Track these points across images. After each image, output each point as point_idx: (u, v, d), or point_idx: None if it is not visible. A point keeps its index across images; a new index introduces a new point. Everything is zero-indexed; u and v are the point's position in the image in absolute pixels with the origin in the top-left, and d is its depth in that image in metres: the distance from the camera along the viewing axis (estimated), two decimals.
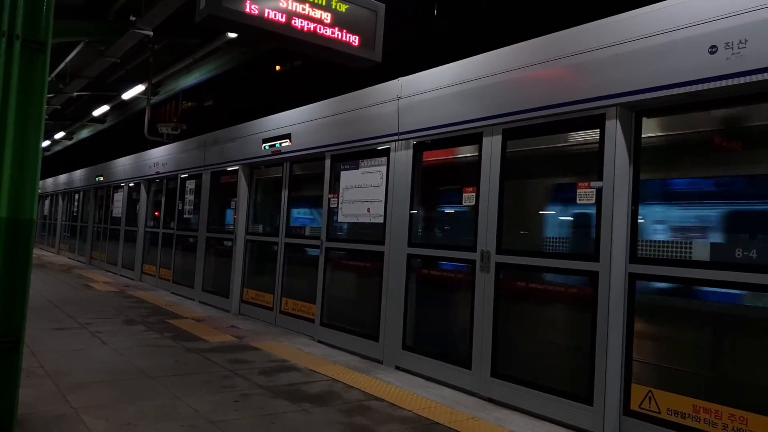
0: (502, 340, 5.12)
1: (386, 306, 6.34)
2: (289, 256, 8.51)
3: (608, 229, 4.32)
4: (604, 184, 4.38)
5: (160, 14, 10.55)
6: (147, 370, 5.48)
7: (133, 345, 6.52)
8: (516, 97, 5.10)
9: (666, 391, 4.04)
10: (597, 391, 4.30)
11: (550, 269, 4.89)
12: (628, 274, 4.30)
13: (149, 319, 8.27)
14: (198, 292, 10.70)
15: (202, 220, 10.85)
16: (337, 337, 7.04)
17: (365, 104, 6.89)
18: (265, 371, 5.70)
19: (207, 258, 10.65)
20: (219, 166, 10.43)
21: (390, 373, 5.93)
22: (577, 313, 4.76)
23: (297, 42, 5.40)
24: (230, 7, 4.92)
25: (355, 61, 5.79)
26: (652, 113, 4.35)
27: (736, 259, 3.75)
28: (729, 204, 4.29)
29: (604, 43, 4.45)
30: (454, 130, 5.72)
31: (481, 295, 5.26)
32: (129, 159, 15.34)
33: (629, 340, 4.28)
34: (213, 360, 6.03)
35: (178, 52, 13.56)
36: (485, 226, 5.29)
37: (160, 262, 12.83)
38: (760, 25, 3.59)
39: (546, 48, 4.93)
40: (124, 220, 15.25)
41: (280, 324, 8.41)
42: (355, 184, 6.99)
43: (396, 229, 6.29)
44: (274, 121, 8.79)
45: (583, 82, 4.58)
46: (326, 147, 7.48)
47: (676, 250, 4.06)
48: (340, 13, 5.50)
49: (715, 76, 3.78)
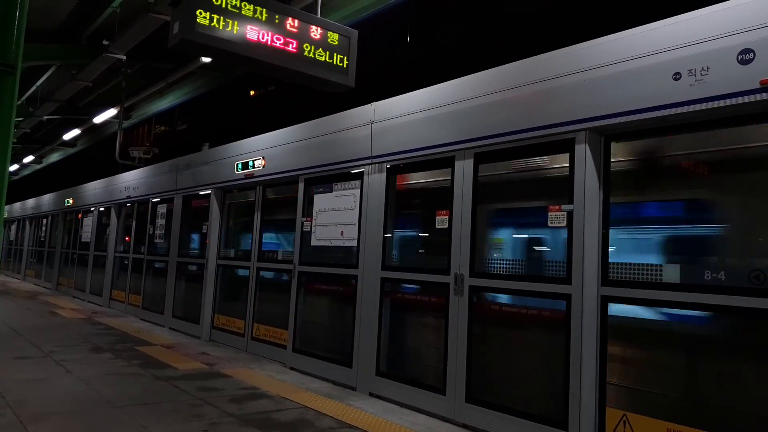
0: (477, 365, 5.08)
1: (360, 331, 6.27)
2: (262, 281, 8.40)
3: (580, 252, 4.36)
4: (575, 207, 4.43)
5: (134, 38, 10.51)
6: (113, 399, 5.31)
7: (99, 373, 6.32)
8: (487, 122, 5.16)
9: (641, 414, 4.03)
10: (572, 416, 4.28)
11: (523, 292, 4.90)
12: (600, 296, 4.32)
13: (117, 347, 8.04)
14: (168, 319, 10.47)
15: (173, 245, 10.67)
16: (309, 363, 6.92)
17: (339, 128, 6.90)
18: (235, 399, 5.56)
19: (177, 283, 10.45)
20: (191, 190, 10.31)
21: (363, 400, 5.83)
22: (551, 336, 4.76)
23: (272, 67, 5.41)
24: (204, 32, 4.91)
25: (329, 86, 5.83)
26: (621, 138, 4.43)
27: (705, 281, 3.80)
28: (698, 227, 4.36)
29: (573, 69, 4.54)
30: (426, 153, 5.75)
31: (455, 318, 5.24)
32: (99, 183, 15.09)
33: (603, 363, 4.29)
34: (182, 388, 5.87)
35: (152, 76, 13.50)
36: (458, 249, 5.29)
37: (129, 288, 12.55)
38: (720, 53, 3.70)
39: (516, 74, 5.01)
40: (94, 245, 14.93)
41: (251, 350, 8.26)
42: (328, 208, 6.96)
43: (370, 253, 6.26)
44: (248, 144, 8.75)
45: (553, 107, 4.66)
46: (300, 171, 7.46)
47: (647, 273, 4.10)
48: (314, 39, 5.54)
49: (680, 101, 3.88)
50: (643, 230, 4.65)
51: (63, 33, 11.76)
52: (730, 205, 4.13)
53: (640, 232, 4.65)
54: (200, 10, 4.86)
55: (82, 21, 11.37)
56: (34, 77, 14.34)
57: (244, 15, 5.11)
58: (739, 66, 3.61)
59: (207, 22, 4.91)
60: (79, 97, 15.77)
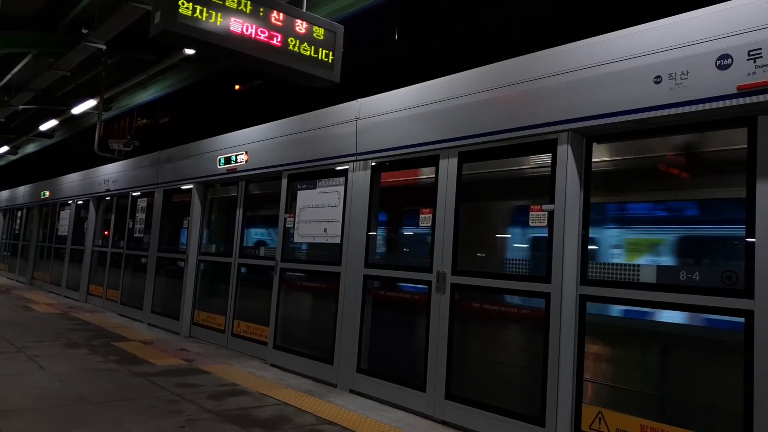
0: (457, 362, 5.11)
1: (341, 328, 6.27)
2: (243, 277, 8.34)
3: (560, 252, 4.40)
4: (556, 207, 4.48)
5: (114, 28, 10.34)
6: (88, 395, 5.24)
7: (74, 369, 6.23)
8: (472, 121, 5.19)
9: (616, 411, 4.10)
10: (549, 412, 4.33)
11: (503, 290, 4.94)
12: (579, 295, 4.38)
13: (93, 342, 7.93)
14: (147, 314, 10.35)
15: (153, 240, 10.55)
16: (290, 360, 6.90)
17: (324, 124, 6.88)
18: (214, 395, 5.53)
19: (157, 278, 10.33)
20: (172, 184, 10.20)
21: (344, 397, 5.83)
22: (530, 334, 4.81)
23: (256, 60, 5.37)
24: (186, 22, 4.85)
25: (313, 81, 5.80)
26: (602, 139, 4.49)
27: (681, 281, 3.87)
28: (674, 228, 4.44)
29: (557, 71, 4.58)
30: (411, 152, 5.76)
31: (437, 316, 5.26)
32: (78, 175, 14.85)
33: (580, 360, 4.35)
34: (160, 384, 5.81)
35: (133, 68, 13.28)
36: (441, 247, 5.32)
37: (107, 283, 12.38)
38: (699, 58, 3.76)
39: (501, 74, 5.04)
40: (71, 239, 14.69)
41: (231, 347, 8.20)
42: (312, 204, 6.94)
43: (353, 250, 6.26)
44: (231, 139, 8.67)
45: (536, 107, 4.70)
46: (283, 166, 7.42)
47: (625, 273, 4.16)
48: (299, 33, 5.51)
49: (660, 104, 3.94)
50: (623, 230, 4.71)
51: (40, 20, 11.50)
52: (705, 207, 4.21)
53: (621, 232, 4.72)
54: (183, 0, 4.81)
55: (61, 8, 11.12)
56: (9, 65, 14.03)
57: (228, 6, 5.06)
58: (717, 71, 3.68)
59: (189, 12, 4.85)
60: (57, 86, 15.47)
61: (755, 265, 3.52)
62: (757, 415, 3.42)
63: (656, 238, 4.51)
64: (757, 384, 3.44)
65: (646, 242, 4.56)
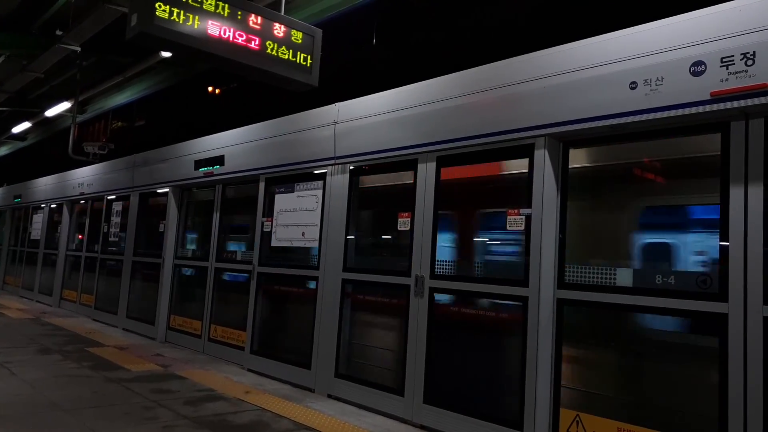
0: (436, 366, 5.11)
1: (319, 332, 6.23)
2: (220, 282, 8.26)
3: (537, 256, 4.43)
4: (533, 211, 4.50)
5: (89, 30, 10.16)
6: (61, 402, 5.12)
7: (47, 376, 6.09)
8: (450, 126, 5.20)
9: (593, 414, 4.13)
10: (527, 416, 4.34)
11: (482, 294, 4.95)
12: (556, 299, 4.41)
13: (66, 348, 7.77)
14: (122, 319, 10.18)
15: (128, 244, 10.39)
16: (267, 365, 6.84)
17: (302, 128, 6.84)
18: (190, 401, 5.45)
19: (132, 283, 10.17)
20: (148, 187, 10.06)
21: (322, 402, 5.79)
22: (508, 338, 4.83)
23: (233, 63, 5.33)
24: (163, 25, 4.80)
25: (291, 84, 5.77)
26: (579, 144, 4.53)
27: (657, 285, 3.92)
28: (649, 233, 4.49)
29: (534, 76, 4.61)
30: (390, 156, 5.76)
31: (415, 320, 5.26)
32: (51, 179, 14.58)
33: (558, 364, 4.37)
34: (135, 390, 5.71)
35: (109, 70, 13.09)
36: (420, 251, 5.32)
37: (81, 287, 12.16)
38: (674, 65, 3.82)
39: (479, 79, 5.07)
40: (44, 243, 14.42)
41: (208, 352, 8.10)
42: (289, 208, 6.90)
43: (331, 254, 6.23)
44: (208, 142, 8.59)
45: (514, 112, 4.73)
46: (261, 170, 7.37)
47: (601, 276, 4.20)
48: (278, 36, 5.49)
49: (636, 110, 3.99)
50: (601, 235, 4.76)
51: (13, 21, 11.26)
52: (680, 212, 4.28)
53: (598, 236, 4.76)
54: (159, 2, 4.74)
55: (35, 9, 10.92)
56: None
57: (206, 9, 5.01)
58: (691, 77, 3.74)
59: (166, 15, 4.79)
60: (30, 88, 15.15)
61: (729, 269, 3.58)
62: (732, 416, 3.47)
63: (630, 242, 4.56)
64: (732, 386, 3.49)
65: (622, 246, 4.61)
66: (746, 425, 3.42)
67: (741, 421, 3.44)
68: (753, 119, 3.61)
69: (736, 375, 3.48)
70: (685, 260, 4.17)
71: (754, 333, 3.45)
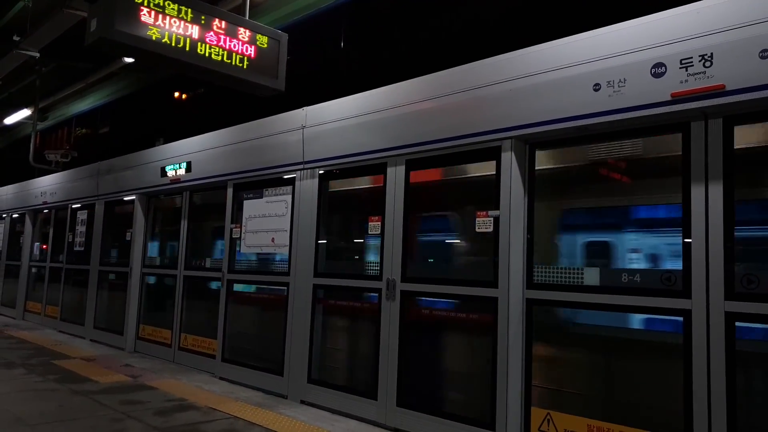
0: (408, 369, 5.11)
1: (291, 338, 6.18)
2: (189, 290, 8.13)
3: (506, 256, 4.47)
4: (501, 212, 4.54)
5: (48, 35, 9.92)
6: (25, 417, 4.97)
7: (10, 390, 5.91)
8: (418, 129, 5.21)
9: (563, 413, 4.18)
10: (499, 416, 4.37)
11: (453, 296, 4.97)
12: (526, 299, 4.45)
13: (31, 361, 7.55)
14: (89, 330, 9.95)
15: (94, 253, 10.17)
16: (239, 372, 6.75)
17: (269, 133, 6.78)
18: (160, 412, 5.35)
19: (99, 293, 9.95)
20: (114, 195, 9.86)
21: (295, 408, 5.74)
22: (480, 339, 4.85)
23: (196, 69, 5.26)
24: (124, 30, 4.71)
25: (258, 89, 5.72)
26: (545, 146, 4.58)
27: (623, 283, 3.99)
28: (615, 232, 4.57)
29: (500, 79, 4.65)
30: (359, 159, 5.75)
31: (387, 323, 5.25)
32: (12, 188, 14.18)
33: (528, 364, 4.42)
34: (103, 402, 5.58)
35: (70, 76, 12.80)
36: (390, 254, 5.32)
37: (46, 299, 11.85)
38: (635, 66, 3.90)
39: (446, 82, 5.09)
40: (5, 254, 14.02)
41: (179, 361, 7.97)
42: (258, 214, 6.83)
43: (302, 259, 6.19)
44: (174, 148, 8.46)
45: (480, 115, 4.76)
46: (228, 176, 7.28)
47: (569, 276, 4.26)
48: (242, 41, 5.43)
49: (600, 111, 4.06)
50: (567, 236, 4.83)
51: None
52: (642, 211, 4.36)
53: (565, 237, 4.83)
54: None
55: None
56: None
57: (168, 14, 4.94)
58: (652, 79, 3.82)
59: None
60: None
61: (692, 266, 3.67)
62: (696, 410, 3.55)
63: (597, 241, 4.64)
64: (696, 379, 3.58)
65: (588, 246, 4.68)
66: (710, 417, 3.51)
67: (705, 413, 3.52)
68: (712, 119, 3.70)
69: (700, 368, 3.56)
70: (650, 258, 4.26)
71: (717, 328, 3.53)
